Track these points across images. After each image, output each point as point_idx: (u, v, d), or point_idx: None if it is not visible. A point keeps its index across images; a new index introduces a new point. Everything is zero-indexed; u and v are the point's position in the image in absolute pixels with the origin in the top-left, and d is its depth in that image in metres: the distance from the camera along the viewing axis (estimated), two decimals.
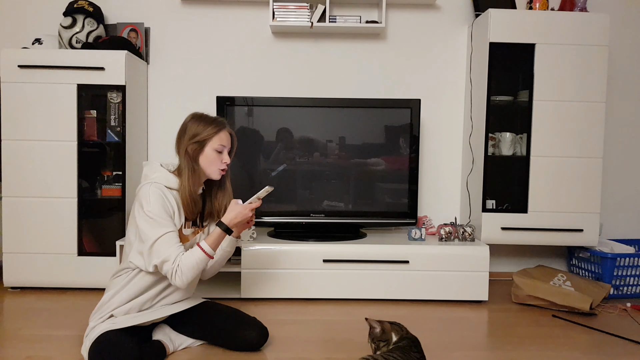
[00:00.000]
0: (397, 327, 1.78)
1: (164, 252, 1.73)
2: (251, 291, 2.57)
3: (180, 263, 1.73)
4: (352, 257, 2.58)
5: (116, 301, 1.83)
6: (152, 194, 1.76)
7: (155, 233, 1.73)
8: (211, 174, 1.88)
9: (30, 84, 2.64)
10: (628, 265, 2.78)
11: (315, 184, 2.79)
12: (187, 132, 1.85)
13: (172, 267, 1.72)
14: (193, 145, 1.83)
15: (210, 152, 1.85)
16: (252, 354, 1.91)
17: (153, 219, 1.74)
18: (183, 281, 1.74)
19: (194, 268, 1.74)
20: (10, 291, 2.70)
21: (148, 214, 1.74)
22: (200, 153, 1.85)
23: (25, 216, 2.66)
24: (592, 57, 2.71)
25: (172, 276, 1.74)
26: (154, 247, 1.73)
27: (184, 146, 1.84)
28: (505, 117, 2.87)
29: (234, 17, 3.07)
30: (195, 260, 1.74)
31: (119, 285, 1.84)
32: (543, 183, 2.74)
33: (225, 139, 1.88)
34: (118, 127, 2.73)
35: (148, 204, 1.75)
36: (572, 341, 2.11)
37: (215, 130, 1.85)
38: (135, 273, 1.83)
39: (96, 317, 1.83)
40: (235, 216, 1.82)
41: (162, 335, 1.94)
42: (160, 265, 1.74)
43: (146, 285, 1.84)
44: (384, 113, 2.76)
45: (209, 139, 1.84)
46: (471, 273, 2.59)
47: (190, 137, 1.84)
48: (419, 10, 3.09)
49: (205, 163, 1.85)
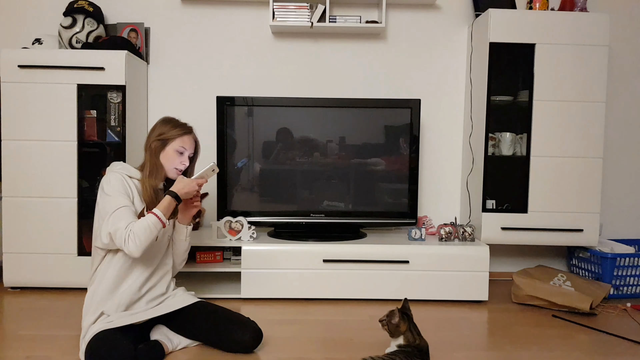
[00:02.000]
0: (411, 334, 1.75)
1: (118, 221, 1.79)
2: (251, 291, 2.57)
3: (133, 228, 1.78)
4: (352, 257, 2.58)
5: (99, 293, 1.85)
6: (113, 178, 1.89)
7: (112, 206, 1.82)
8: (169, 171, 1.99)
9: (30, 84, 2.64)
10: (628, 265, 2.78)
11: (315, 184, 2.79)
12: (155, 130, 2.00)
13: (125, 233, 1.77)
14: (157, 142, 1.97)
15: (171, 151, 1.97)
16: (248, 355, 1.91)
17: (111, 195, 1.84)
18: (137, 245, 1.77)
19: (146, 230, 1.78)
20: (10, 291, 2.70)
21: (107, 192, 1.85)
22: (162, 150, 1.97)
23: (25, 216, 2.66)
24: (592, 57, 2.71)
25: (126, 241, 1.77)
26: (110, 219, 1.80)
27: (149, 142, 1.98)
28: (505, 117, 2.87)
29: (234, 17, 3.07)
30: (147, 224, 1.79)
31: (96, 278, 1.89)
32: (543, 183, 2.74)
33: (187, 142, 2.00)
34: (118, 127, 2.73)
35: (108, 185, 1.87)
36: (572, 341, 2.11)
37: (179, 132, 1.99)
38: (108, 260, 1.88)
39: (87, 318, 1.85)
40: (183, 186, 1.91)
41: (160, 335, 1.94)
42: (114, 233, 1.78)
43: (120, 267, 1.88)
44: (384, 113, 2.76)
45: (172, 139, 1.97)
46: (471, 273, 2.59)
47: (156, 135, 1.98)
48: (419, 10, 3.09)
49: (165, 160, 1.97)
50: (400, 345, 1.73)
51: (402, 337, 1.74)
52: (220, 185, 2.74)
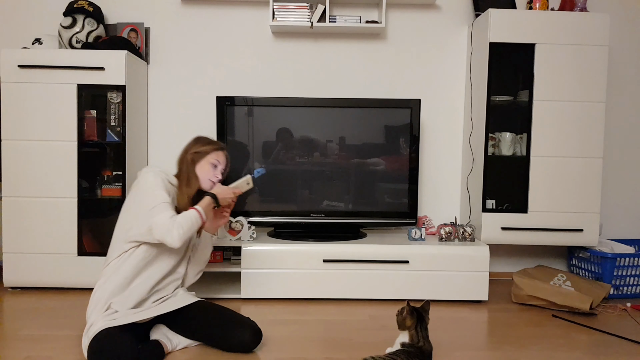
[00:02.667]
0: (416, 333, 1.73)
1: (161, 212, 1.87)
2: (251, 291, 2.57)
3: (177, 218, 1.87)
4: (352, 257, 2.58)
5: (110, 286, 1.87)
6: (155, 176, 1.96)
7: (155, 200, 1.90)
8: (203, 182, 2.10)
9: (30, 84, 2.64)
10: (628, 265, 2.78)
11: (315, 184, 2.79)
12: (191, 146, 2.15)
13: (170, 222, 1.85)
14: (193, 155, 2.11)
15: (206, 164, 2.10)
16: (248, 355, 1.91)
17: (153, 190, 1.92)
18: (180, 234, 1.84)
19: (189, 221, 1.88)
20: (10, 291, 2.70)
21: (149, 187, 1.93)
22: (198, 162, 2.10)
23: (25, 216, 2.66)
24: (592, 57, 2.71)
25: (170, 230, 1.83)
26: (152, 210, 1.87)
27: (186, 155, 2.12)
28: (505, 117, 2.87)
29: (234, 17, 3.07)
30: (190, 216, 1.90)
31: (109, 272, 1.91)
32: (543, 183, 2.74)
33: (221, 157, 2.15)
34: (118, 127, 2.73)
35: (149, 181, 1.94)
36: (572, 341, 2.11)
37: (214, 147, 2.14)
38: (126, 256, 1.91)
39: (92, 308, 1.86)
40: (221, 191, 2.07)
41: (160, 335, 1.95)
42: (157, 222, 1.84)
43: (136, 265, 1.91)
44: (384, 113, 2.76)
45: (208, 153, 2.12)
46: (471, 273, 2.59)
47: (193, 149, 2.12)
48: (419, 10, 3.09)
49: (200, 172, 2.10)
50: (404, 343, 1.73)
51: (408, 334, 1.74)
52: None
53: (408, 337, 1.74)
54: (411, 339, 1.73)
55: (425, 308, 1.79)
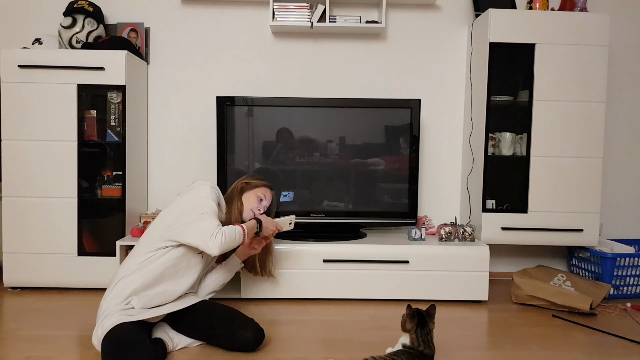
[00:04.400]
0: (416, 337, 1.72)
1: (211, 220, 1.93)
2: (251, 291, 2.57)
3: (224, 228, 1.92)
4: (352, 257, 2.58)
5: (134, 283, 1.89)
6: (213, 191, 2.05)
7: (207, 209, 1.97)
8: (246, 210, 2.18)
9: (30, 84, 2.64)
10: (628, 265, 2.78)
11: (315, 184, 2.79)
12: (245, 177, 2.29)
13: (216, 229, 1.89)
14: (243, 184, 2.24)
15: (253, 195, 2.20)
16: (250, 354, 1.91)
17: (209, 200, 1.99)
18: (222, 242, 1.87)
19: (233, 234, 1.92)
20: (10, 291, 2.70)
21: (205, 196, 2.00)
22: (246, 191, 2.21)
23: (25, 216, 2.66)
24: (592, 57, 2.71)
25: (215, 235, 1.87)
26: (202, 216, 1.93)
27: (237, 184, 2.25)
28: (505, 117, 2.87)
29: (234, 17, 3.07)
30: (235, 230, 1.94)
31: (136, 264, 1.93)
32: (543, 183, 2.74)
33: (268, 194, 2.25)
34: (118, 127, 2.73)
35: (207, 193, 2.02)
36: (572, 341, 2.11)
37: (264, 184, 2.26)
38: (160, 254, 1.94)
39: (110, 300, 1.87)
40: (266, 220, 2.12)
41: (162, 333, 1.96)
42: (205, 227, 1.89)
43: (165, 269, 1.94)
44: (384, 113, 2.76)
45: (257, 186, 2.23)
46: (471, 273, 2.59)
47: (245, 180, 2.26)
48: (419, 10, 3.09)
49: (246, 201, 2.19)
50: (405, 345, 1.73)
51: (409, 337, 1.73)
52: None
53: (409, 340, 1.73)
54: (412, 342, 1.73)
55: (430, 312, 1.78)
